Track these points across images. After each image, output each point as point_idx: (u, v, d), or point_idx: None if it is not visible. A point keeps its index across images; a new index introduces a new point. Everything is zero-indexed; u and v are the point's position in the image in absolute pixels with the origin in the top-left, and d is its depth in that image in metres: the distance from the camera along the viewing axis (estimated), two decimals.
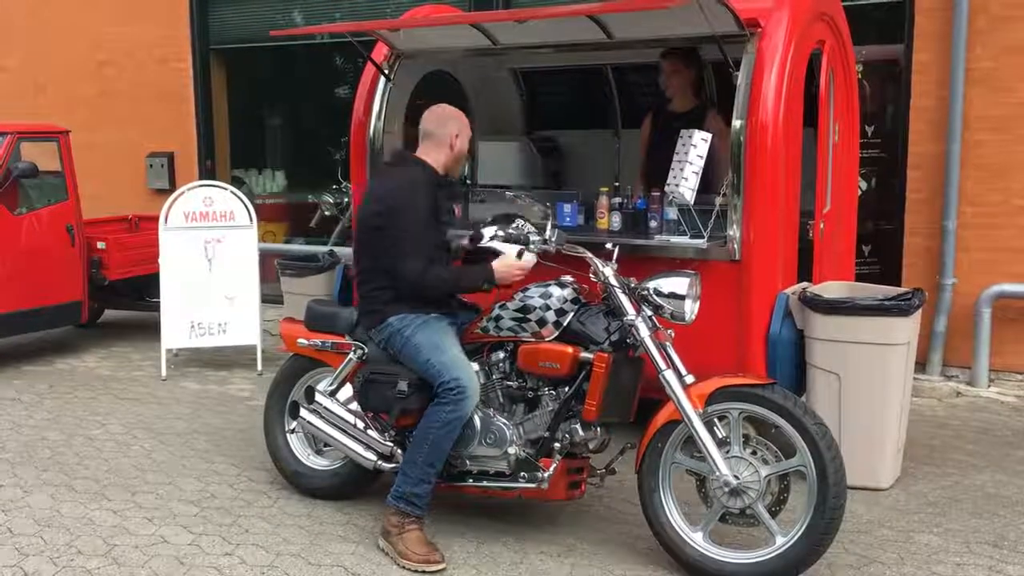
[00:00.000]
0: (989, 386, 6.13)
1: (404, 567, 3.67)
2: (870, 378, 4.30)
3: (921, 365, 6.07)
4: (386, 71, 5.55)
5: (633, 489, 3.74)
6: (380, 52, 5.61)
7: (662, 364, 3.53)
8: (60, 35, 9.59)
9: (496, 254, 3.90)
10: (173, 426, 5.49)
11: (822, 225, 4.98)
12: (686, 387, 3.50)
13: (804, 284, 4.73)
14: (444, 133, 4.01)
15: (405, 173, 3.97)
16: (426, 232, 3.88)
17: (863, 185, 6.35)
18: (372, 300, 3.99)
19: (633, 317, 3.60)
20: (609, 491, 4.24)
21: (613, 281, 3.67)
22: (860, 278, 5.78)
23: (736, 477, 3.44)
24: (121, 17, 9.25)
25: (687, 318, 3.65)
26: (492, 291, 3.96)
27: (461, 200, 4.11)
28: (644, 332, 3.58)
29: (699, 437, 3.46)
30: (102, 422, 5.57)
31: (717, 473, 3.45)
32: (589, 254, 3.78)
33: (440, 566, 3.66)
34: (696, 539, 3.55)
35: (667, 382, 3.51)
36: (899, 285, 5.95)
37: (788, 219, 4.65)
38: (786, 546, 3.41)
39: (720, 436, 3.50)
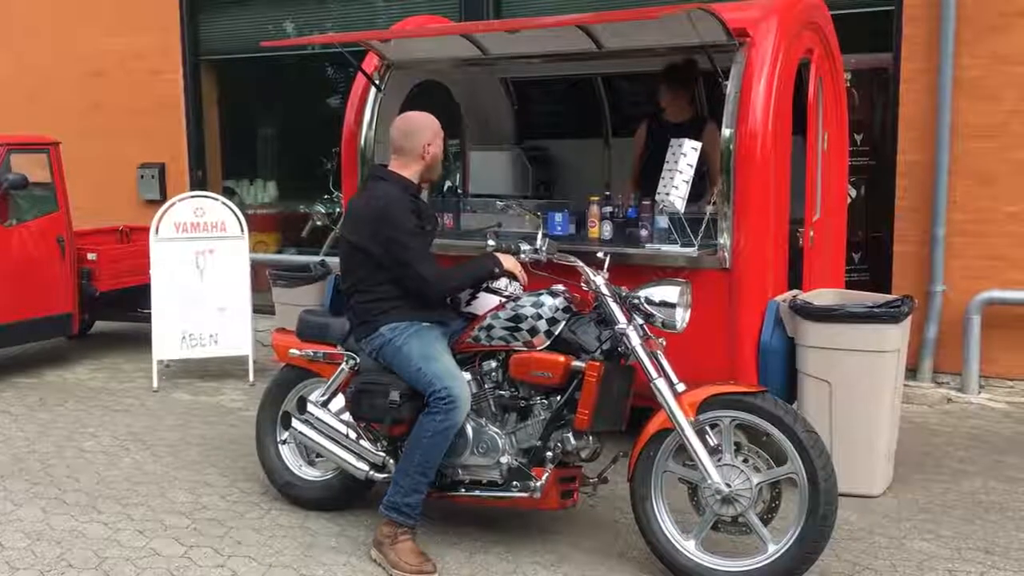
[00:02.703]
0: (979, 392, 6.15)
1: None
2: (861, 385, 4.32)
3: (912, 372, 6.10)
4: (377, 81, 5.56)
5: (625, 498, 3.75)
6: (371, 62, 5.62)
7: (653, 372, 3.54)
8: (51, 46, 9.58)
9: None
10: (164, 437, 5.47)
11: (812, 233, 5.00)
12: (677, 395, 3.51)
13: (794, 292, 4.75)
14: (415, 145, 3.99)
15: (382, 191, 3.95)
16: (422, 240, 3.94)
17: (852, 193, 6.38)
18: (363, 311, 3.99)
19: (624, 326, 3.61)
20: (601, 500, 4.25)
21: (604, 290, 3.68)
22: (850, 285, 5.80)
23: (728, 485, 3.44)
24: (112, 28, 9.25)
25: (678, 326, 3.66)
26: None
27: (432, 220, 4.10)
28: (635, 341, 3.59)
29: (691, 445, 3.47)
30: (93, 434, 5.55)
31: (709, 481, 3.46)
32: (580, 263, 3.80)
33: None
34: (688, 547, 3.55)
35: (658, 390, 3.51)
36: (889, 292, 5.97)
37: (778, 227, 4.67)
38: (778, 554, 3.41)
39: (712, 444, 3.51)
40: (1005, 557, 3.82)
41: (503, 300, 3.94)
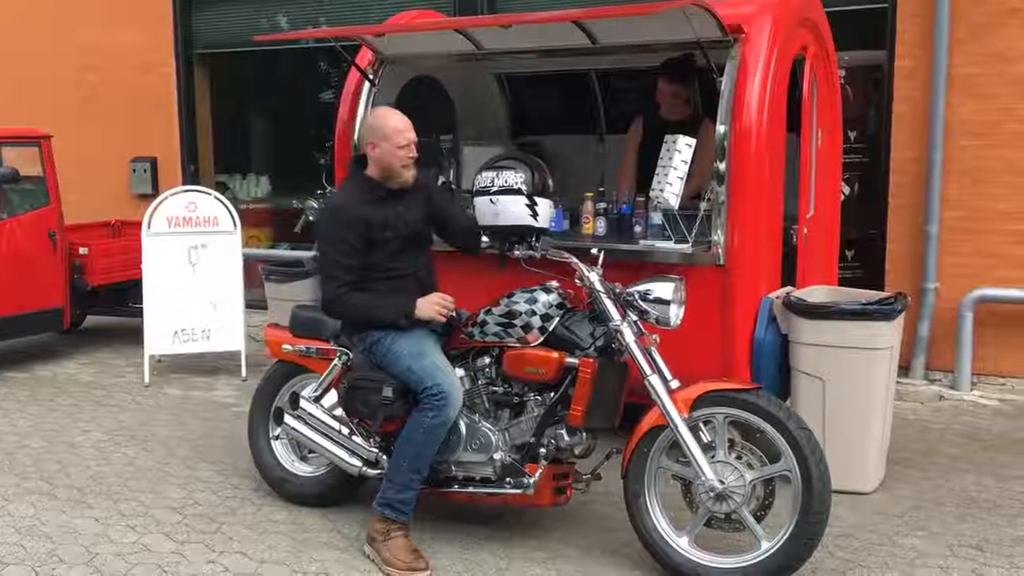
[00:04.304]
0: (972, 390, 6.17)
1: (389, 574, 3.66)
2: (854, 382, 4.32)
3: (904, 369, 6.12)
4: (371, 76, 5.54)
5: (619, 494, 3.74)
6: (365, 57, 5.60)
7: (647, 369, 3.53)
8: (43, 40, 9.53)
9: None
10: (156, 433, 5.45)
11: (805, 230, 5.00)
12: (671, 392, 3.51)
13: (788, 289, 4.75)
14: (363, 143, 3.96)
15: (340, 192, 3.94)
16: (345, 254, 3.80)
17: (846, 190, 6.39)
18: None
19: (618, 322, 3.60)
20: (595, 496, 4.24)
21: (598, 286, 3.67)
22: (843, 282, 5.81)
23: (721, 482, 3.44)
24: (105, 22, 9.21)
25: (672, 323, 3.65)
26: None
27: (402, 225, 3.85)
28: (629, 337, 3.58)
29: (684, 442, 3.46)
30: (84, 429, 5.53)
31: (702, 478, 3.46)
32: (574, 259, 3.79)
33: (425, 573, 3.65)
34: (682, 544, 3.55)
35: (652, 387, 3.51)
36: (882, 289, 5.97)
37: (772, 224, 4.67)
38: (771, 550, 3.42)
39: (705, 441, 3.50)
40: (997, 554, 3.82)
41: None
